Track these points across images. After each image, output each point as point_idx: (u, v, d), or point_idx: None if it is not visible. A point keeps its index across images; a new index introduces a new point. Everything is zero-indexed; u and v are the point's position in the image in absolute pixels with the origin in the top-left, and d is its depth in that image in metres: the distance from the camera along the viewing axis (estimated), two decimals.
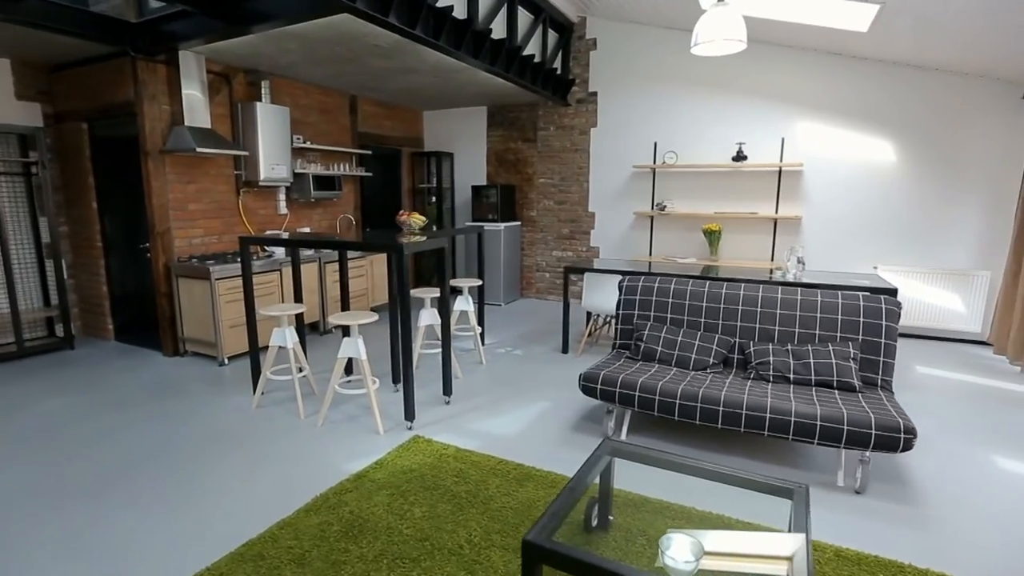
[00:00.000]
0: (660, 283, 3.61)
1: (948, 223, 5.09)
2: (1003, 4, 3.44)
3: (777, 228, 5.79)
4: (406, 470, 2.77)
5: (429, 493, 2.56)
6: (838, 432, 2.50)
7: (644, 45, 6.05)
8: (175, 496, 2.56)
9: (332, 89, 6.02)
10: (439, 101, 6.80)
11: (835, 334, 3.10)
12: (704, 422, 2.78)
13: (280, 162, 5.12)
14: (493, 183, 7.17)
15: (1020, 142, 4.72)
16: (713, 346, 3.27)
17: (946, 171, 5.03)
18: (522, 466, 2.82)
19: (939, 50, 4.48)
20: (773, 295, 3.30)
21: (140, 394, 3.84)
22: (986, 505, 2.51)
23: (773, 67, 5.51)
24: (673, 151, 6.05)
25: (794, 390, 2.87)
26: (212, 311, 4.38)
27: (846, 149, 5.36)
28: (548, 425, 3.36)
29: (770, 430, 2.63)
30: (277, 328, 3.50)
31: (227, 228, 5.04)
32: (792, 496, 1.86)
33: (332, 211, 6.22)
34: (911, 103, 5.05)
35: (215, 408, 3.59)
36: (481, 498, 2.52)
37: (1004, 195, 4.84)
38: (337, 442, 3.11)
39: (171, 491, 2.60)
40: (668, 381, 2.93)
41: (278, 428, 3.29)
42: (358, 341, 3.23)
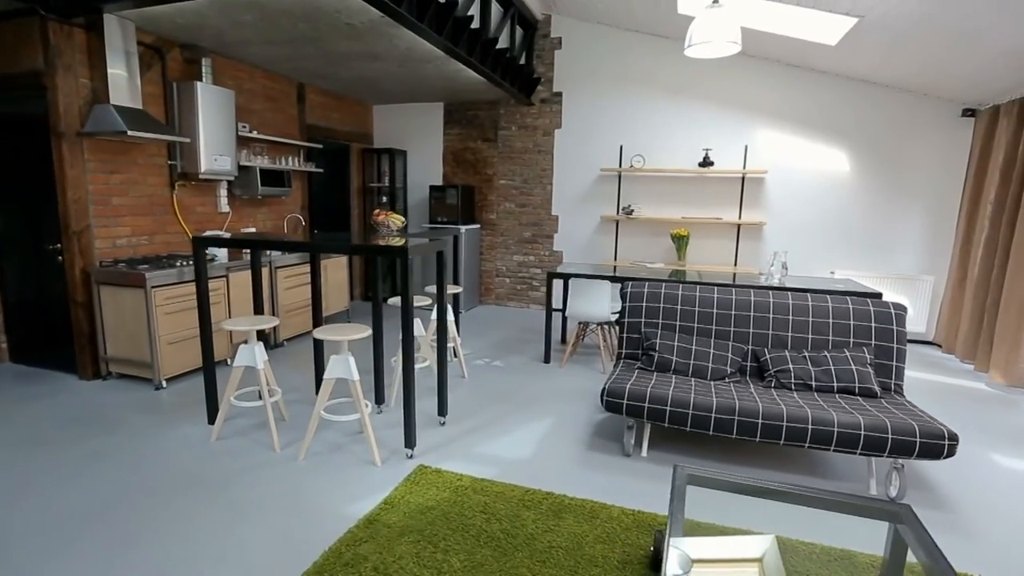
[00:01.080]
0: (667, 289, 3.47)
1: (896, 230, 5.42)
2: (965, 29, 3.65)
3: (740, 234, 5.92)
4: (423, 509, 2.39)
5: (460, 536, 2.20)
6: (882, 441, 2.45)
7: (611, 47, 5.98)
8: (135, 573, 2.02)
9: (279, 75, 5.40)
10: (394, 94, 6.34)
11: (848, 339, 3.10)
12: (742, 436, 2.64)
13: (224, 152, 4.47)
14: (451, 183, 6.80)
15: (959, 154, 5.11)
16: (728, 354, 3.17)
17: (894, 181, 5.35)
18: (552, 494, 2.54)
19: (894, 68, 4.75)
20: (784, 301, 3.26)
21: (58, 430, 3.12)
22: (1013, 508, 2.57)
23: (737, 76, 5.62)
24: (640, 155, 6.02)
25: (821, 399, 2.81)
26: (147, 325, 3.69)
27: (805, 158, 5.57)
28: (560, 444, 3.10)
29: (811, 442, 2.54)
30: (244, 345, 2.96)
31: (159, 228, 4.32)
32: (898, 519, 1.73)
33: (279, 210, 5.57)
34: (865, 116, 5.33)
35: (164, 443, 2.98)
36: (521, 538, 2.20)
37: (945, 204, 5.22)
38: (329, 479, 2.65)
39: (127, 566, 2.05)
40: (699, 394, 2.77)
41: (251, 465, 2.77)
42: (349, 359, 2.79)
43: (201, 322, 3.11)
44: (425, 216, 7.05)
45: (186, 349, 3.94)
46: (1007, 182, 4.27)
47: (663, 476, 2.76)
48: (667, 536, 1.59)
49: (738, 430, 2.63)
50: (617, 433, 3.25)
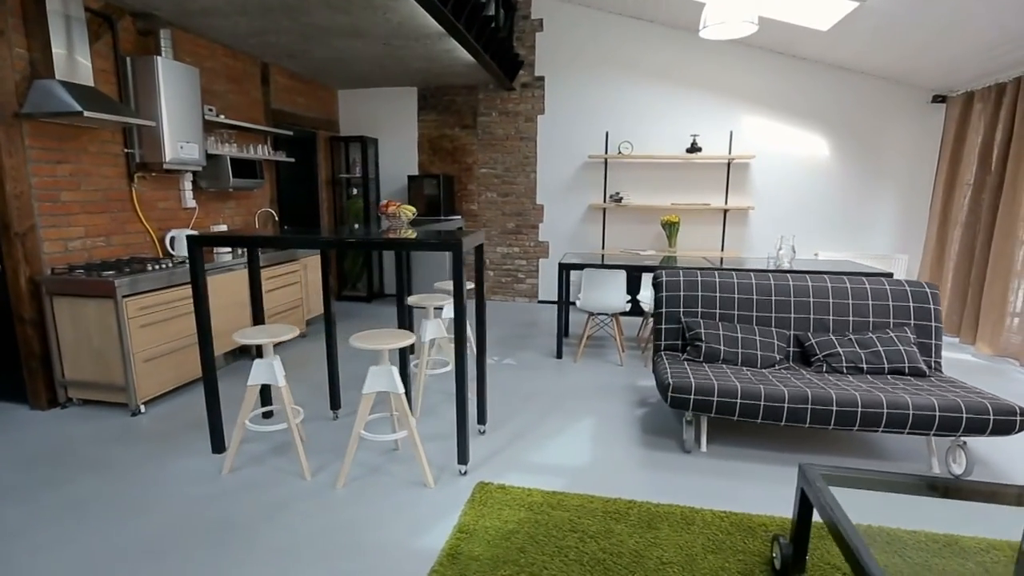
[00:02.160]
0: (703, 277, 3.36)
1: (872, 212, 5.65)
2: (953, 18, 3.76)
3: (727, 219, 5.97)
4: (506, 534, 2.13)
5: (561, 562, 1.97)
6: (957, 421, 2.45)
7: (593, 30, 5.81)
8: None
9: (242, 52, 4.82)
10: (364, 78, 5.87)
11: (888, 320, 3.11)
12: (815, 424, 2.57)
13: (190, 139, 3.91)
14: (429, 173, 6.42)
15: (929, 139, 5.38)
16: (774, 340, 3.10)
17: (870, 165, 5.56)
18: (634, 502, 2.35)
19: (874, 56, 4.89)
20: (823, 285, 3.23)
21: (18, 474, 2.57)
22: None
23: (722, 62, 5.62)
24: (629, 141, 5.92)
25: (878, 381, 2.80)
26: (119, 341, 3.15)
27: (788, 144, 5.67)
28: (614, 445, 2.92)
29: (886, 426, 2.50)
30: (259, 360, 2.55)
31: (117, 227, 3.71)
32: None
33: (247, 204, 5.01)
34: (843, 102, 5.48)
35: (164, 481, 2.52)
36: (627, 556, 2.00)
37: (917, 186, 5.49)
38: (380, 508, 2.33)
39: None
40: (766, 384, 2.67)
41: (282, 499, 2.39)
42: (392, 370, 2.46)
43: (200, 334, 2.65)
44: None
45: (164, 366, 3.42)
46: (986, 164, 4.51)
47: (731, 471, 2.65)
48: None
49: (812, 419, 2.56)
50: (665, 429, 3.11)
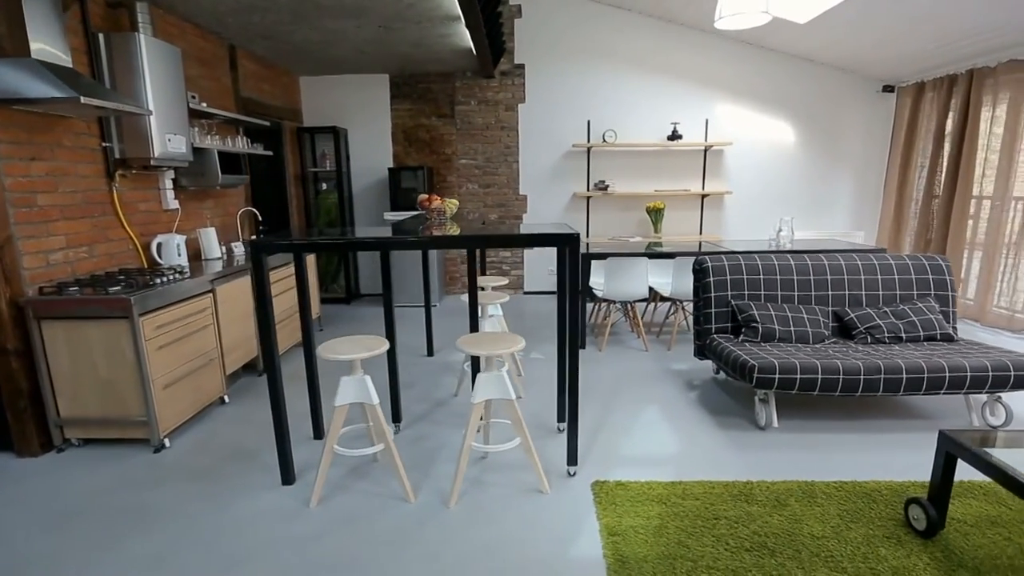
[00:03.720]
0: (745, 260, 3.48)
1: (831, 192, 6.15)
2: (919, 13, 4.16)
3: (704, 204, 6.23)
4: (655, 530, 2.08)
5: (729, 551, 1.95)
6: (1006, 378, 2.73)
7: (572, 17, 5.79)
8: None
9: (211, 34, 4.26)
10: (334, 64, 5.43)
11: (912, 293, 3.40)
12: (873, 393, 2.75)
13: (177, 131, 3.41)
14: (408, 165, 6.10)
15: (879, 126, 5.94)
16: (819, 317, 3.29)
17: (829, 149, 6.04)
18: (750, 483, 2.39)
19: (839, 48, 5.29)
20: (853, 263, 3.46)
21: (50, 535, 2.13)
22: None
23: (697, 51, 5.82)
24: (613, 129, 5.98)
25: (916, 348, 3.05)
26: (137, 367, 2.69)
27: (759, 130, 6.01)
28: (692, 430, 2.95)
29: (948, 388, 2.74)
30: (348, 378, 2.29)
31: (99, 235, 3.16)
32: None
33: (225, 204, 4.47)
34: (807, 91, 5.90)
35: (245, 524, 2.20)
36: (783, 537, 2.03)
37: (870, 168, 6.05)
38: (509, 523, 2.18)
39: None
40: (836, 359, 2.82)
41: (397, 528, 2.17)
42: (504, 376, 2.31)
43: (267, 357, 2.33)
44: (374, 204, 6.26)
45: (182, 392, 2.98)
46: (940, 147, 5.05)
47: (810, 444, 2.77)
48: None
49: (884, 387, 2.74)
50: (727, 408, 3.20)
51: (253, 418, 3.20)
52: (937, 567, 1.87)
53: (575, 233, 2.26)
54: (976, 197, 4.72)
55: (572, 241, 2.25)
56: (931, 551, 1.95)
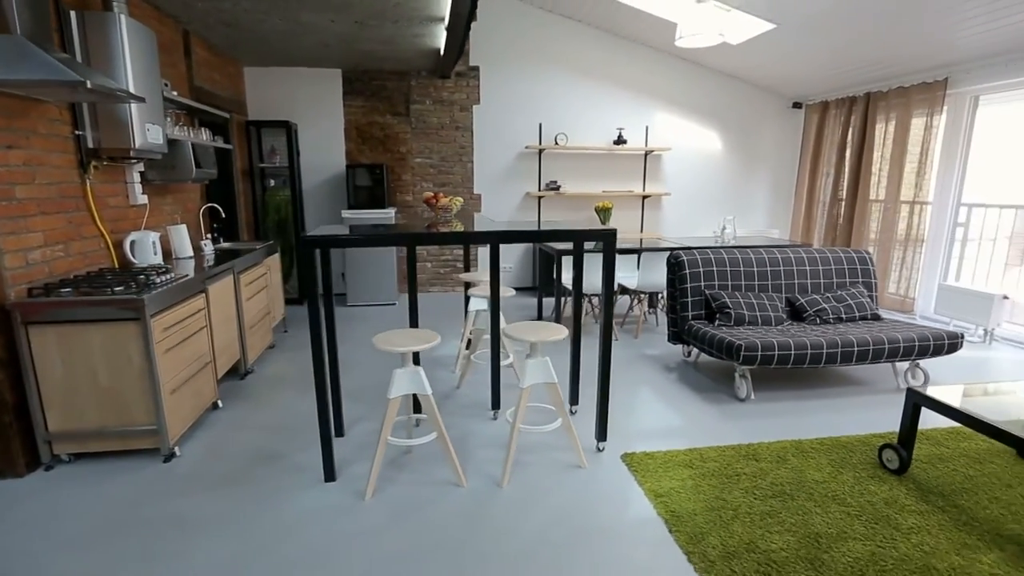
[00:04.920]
0: (713, 255, 3.91)
1: (751, 195, 6.94)
2: (830, 46, 4.91)
3: (645, 204, 6.76)
4: (692, 489, 2.37)
5: (759, 498, 2.29)
6: (925, 347, 3.36)
7: (526, 24, 6.03)
8: None
9: (168, 17, 3.97)
10: (287, 56, 5.21)
11: (845, 280, 4.03)
12: (831, 364, 3.28)
13: (155, 120, 3.18)
14: (363, 163, 5.99)
15: (790, 136, 6.80)
16: (776, 303, 3.80)
17: (750, 156, 6.81)
18: (751, 445, 2.77)
19: (762, 70, 6.02)
20: (799, 256, 4.03)
21: (89, 551, 1.98)
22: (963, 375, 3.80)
23: (639, 64, 6.31)
24: (564, 132, 6.30)
25: (856, 326, 3.65)
26: (148, 372, 2.52)
27: (692, 137, 6.63)
28: (685, 406, 3.30)
29: (886, 357, 3.32)
30: (401, 370, 2.34)
31: (73, 231, 2.88)
32: None
33: (183, 200, 4.16)
34: (732, 104, 6.61)
35: (304, 526, 2.18)
36: (794, 484, 2.41)
37: (783, 173, 6.90)
38: (561, 497, 2.36)
39: None
40: (801, 337, 3.31)
41: (461, 511, 2.26)
42: (548, 362, 2.49)
43: (314, 345, 2.32)
44: (326, 202, 6.09)
45: (185, 396, 2.81)
46: (842, 157, 5.93)
47: (784, 410, 3.23)
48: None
49: (826, 360, 3.26)
50: (706, 386, 3.61)
51: (253, 422, 3.08)
52: (915, 495, 2.33)
53: (613, 229, 2.49)
54: (873, 200, 5.61)
55: (610, 236, 2.48)
56: (906, 484, 2.42)
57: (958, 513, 2.21)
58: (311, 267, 2.26)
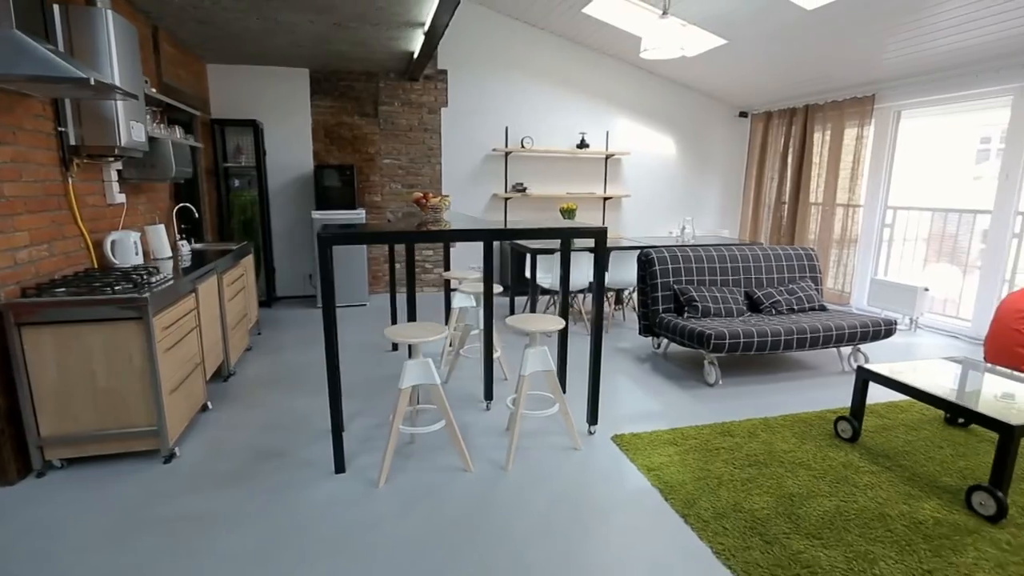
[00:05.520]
0: (680, 252, 4.22)
1: (704, 198, 7.40)
2: (767, 62, 5.39)
3: (606, 205, 7.08)
4: (679, 463, 2.62)
5: (737, 467, 2.56)
6: (865, 333, 3.79)
7: (492, 30, 6.21)
8: None
9: (140, 12, 3.87)
10: (255, 54, 5.15)
11: (795, 275, 4.44)
12: (788, 351, 3.65)
13: (138, 118, 3.13)
14: (332, 163, 5.97)
15: (738, 143, 7.31)
16: (738, 296, 4.15)
17: (701, 161, 7.27)
18: (724, 423, 3.06)
19: (711, 80, 6.46)
20: (755, 253, 4.41)
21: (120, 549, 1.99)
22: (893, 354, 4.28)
23: (601, 71, 6.62)
24: (530, 136, 6.51)
25: (807, 316, 4.05)
26: (150, 373, 2.51)
27: (649, 143, 7.01)
28: (661, 392, 3.57)
29: (834, 343, 3.72)
30: (412, 361, 2.46)
31: (56, 231, 2.80)
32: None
33: (155, 199, 4.06)
34: (686, 111, 7.04)
35: (326, 516, 2.26)
36: (767, 454, 2.70)
37: (731, 177, 7.41)
38: (564, 476, 2.55)
39: None
40: (767, 326, 3.66)
41: (473, 495, 2.41)
42: (546, 352, 2.67)
43: (328, 340, 2.40)
44: (292, 203, 6.03)
45: (180, 399, 2.80)
46: (784, 163, 6.45)
47: (747, 393, 3.56)
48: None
49: (784, 347, 3.63)
50: (676, 374, 3.90)
51: (247, 421, 3.09)
52: (866, 458, 2.67)
53: (604, 228, 2.70)
54: (812, 203, 6.14)
55: (601, 234, 2.69)
56: (859, 450, 2.76)
57: (902, 471, 2.57)
58: (327, 265, 2.34)
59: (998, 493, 2.18)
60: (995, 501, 2.18)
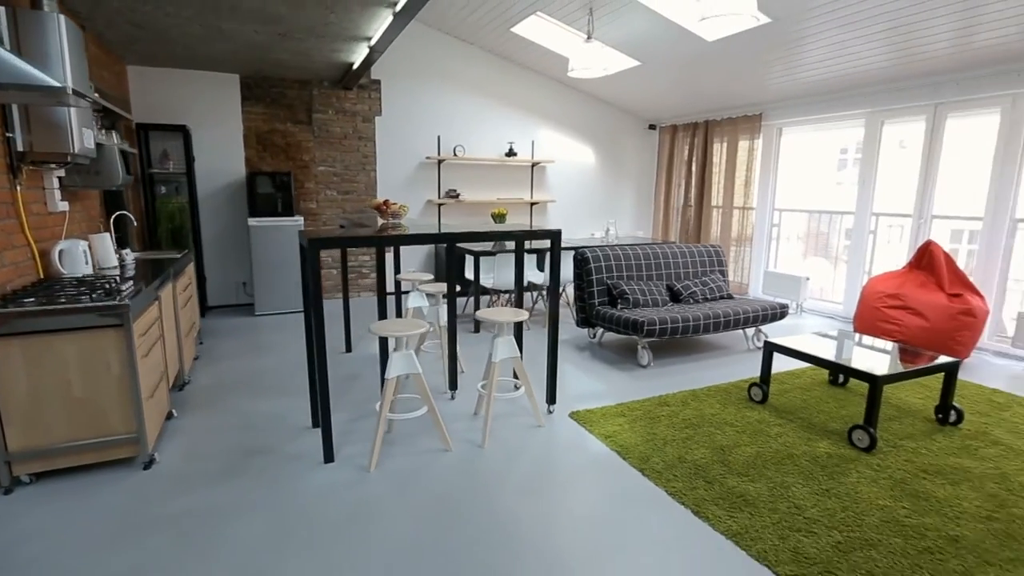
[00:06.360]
0: (610, 251, 4.73)
1: (620, 202, 8.09)
2: (671, 81, 6.15)
3: (533, 210, 7.54)
4: (629, 430, 3.05)
5: (677, 429, 3.04)
6: (766, 316, 4.50)
7: (423, 42, 6.45)
8: None
9: (70, 11, 3.72)
10: (181, 58, 5.01)
11: (706, 269, 5.12)
12: (706, 333, 4.26)
13: (87, 124, 3.07)
14: (260, 169, 5.90)
15: (649, 153, 8.08)
16: (661, 288, 4.73)
17: (617, 169, 7.96)
18: (661, 396, 3.56)
19: (626, 96, 7.14)
20: (673, 250, 5.02)
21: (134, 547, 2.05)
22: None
23: (526, 85, 7.08)
24: (461, 144, 6.82)
25: (719, 303, 4.71)
26: (131, 379, 2.52)
27: (571, 152, 7.57)
28: (603, 375, 4.02)
29: (742, 325, 4.39)
30: (397, 353, 2.68)
31: (5, 240, 2.70)
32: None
33: (87, 207, 3.89)
34: (603, 124, 7.68)
35: (330, 501, 2.43)
36: (699, 418, 3.21)
37: (643, 184, 8.17)
38: (534, 448, 2.89)
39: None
40: (686, 313, 4.24)
41: (460, 471, 2.68)
42: (512, 340, 3.00)
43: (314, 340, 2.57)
44: (224, 210, 5.88)
45: (153, 406, 2.81)
46: (689, 171, 7.27)
47: (673, 371, 4.11)
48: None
49: (703, 330, 4.24)
50: (612, 359, 4.39)
51: (217, 425, 3.13)
52: (774, 415, 3.27)
53: (558, 230, 3.08)
54: (714, 206, 6.99)
55: (556, 236, 3.07)
56: (768, 409, 3.36)
57: (801, 422, 3.18)
58: (315, 267, 2.51)
59: (870, 430, 2.81)
60: (868, 436, 2.82)
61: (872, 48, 4.52)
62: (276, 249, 5.64)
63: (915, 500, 2.39)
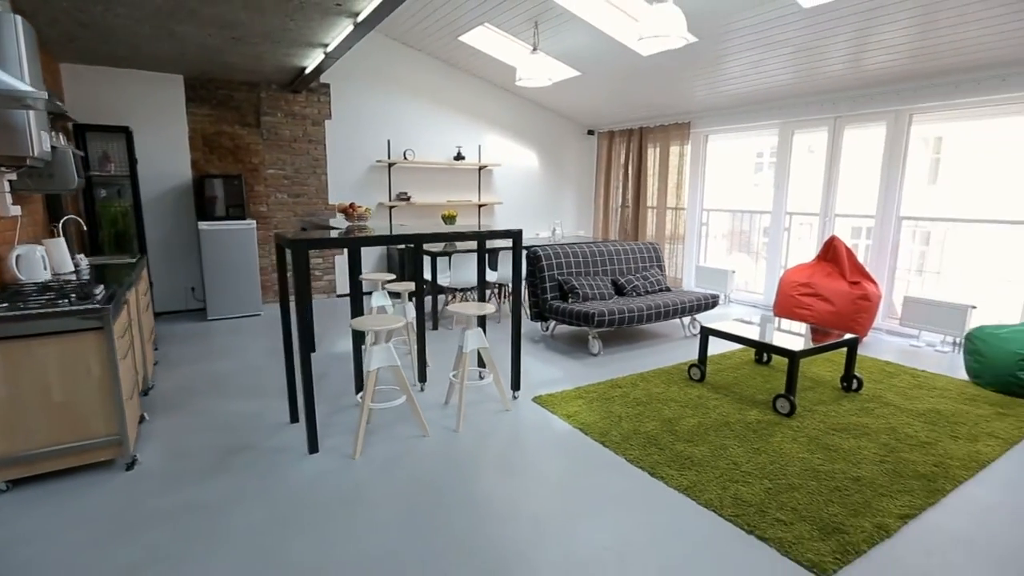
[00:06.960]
0: (559, 249, 5.08)
1: (562, 203, 8.51)
2: (609, 91, 6.63)
3: (481, 211, 7.80)
4: (588, 409, 3.39)
5: (631, 407, 3.41)
6: (699, 306, 5.00)
7: (374, 49, 6.57)
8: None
9: (15, 6, 3.59)
10: (119, 57, 4.88)
11: (646, 264, 5.58)
12: (649, 323, 4.71)
13: (43, 126, 3.04)
14: (209, 172, 5.80)
15: (588, 156, 8.55)
16: (607, 283, 5.13)
17: (559, 172, 8.38)
18: (613, 380, 3.93)
19: (566, 103, 7.56)
20: (616, 248, 5.45)
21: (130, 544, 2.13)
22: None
23: (472, 91, 7.34)
24: (411, 148, 6.97)
25: (659, 295, 5.18)
26: (113, 381, 2.56)
27: (516, 156, 7.90)
28: (559, 363, 4.36)
29: (680, 315, 4.86)
30: (378, 346, 2.87)
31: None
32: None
33: (31, 211, 3.76)
34: (546, 129, 8.06)
35: (319, 488, 2.59)
36: (648, 396, 3.60)
37: (584, 185, 8.63)
38: (504, 429, 3.16)
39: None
40: (631, 305, 4.65)
41: (437, 453, 2.90)
42: (481, 332, 3.25)
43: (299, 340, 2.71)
44: (170, 213, 5.75)
45: (131, 407, 2.84)
46: (626, 174, 7.79)
47: (621, 358, 4.51)
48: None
49: (645, 320, 4.68)
50: (564, 349, 4.74)
51: (193, 426, 3.18)
52: (712, 391, 3.72)
53: (519, 229, 3.37)
54: (649, 207, 7.54)
55: (517, 235, 3.36)
56: (706, 387, 3.81)
57: (734, 396, 3.64)
58: (301, 270, 2.66)
59: (791, 398, 3.30)
60: (789, 403, 3.30)
61: (782, 67, 5.14)
62: (227, 253, 5.58)
63: (827, 452, 2.87)
